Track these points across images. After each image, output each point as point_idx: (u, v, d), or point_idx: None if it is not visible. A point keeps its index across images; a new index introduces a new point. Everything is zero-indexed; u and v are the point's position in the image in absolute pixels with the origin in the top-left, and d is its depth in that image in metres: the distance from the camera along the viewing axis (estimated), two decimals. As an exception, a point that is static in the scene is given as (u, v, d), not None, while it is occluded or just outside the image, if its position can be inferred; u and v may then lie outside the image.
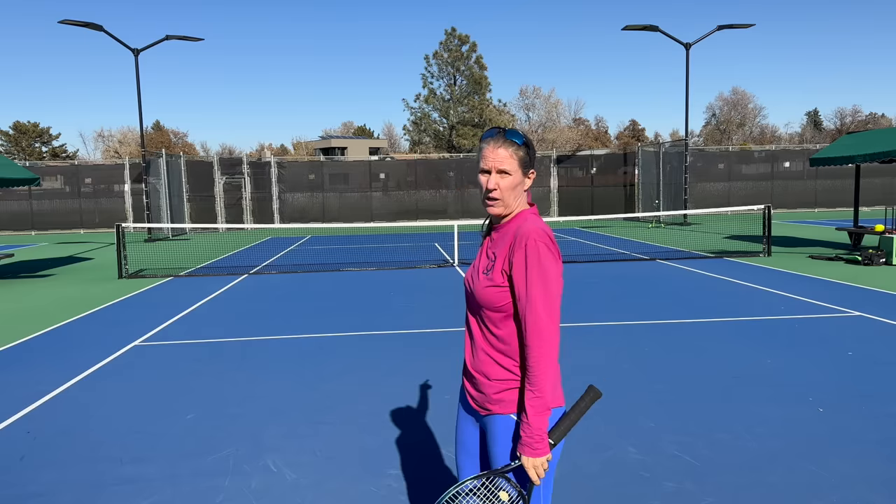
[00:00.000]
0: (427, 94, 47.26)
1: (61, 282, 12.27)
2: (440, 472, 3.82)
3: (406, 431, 4.44)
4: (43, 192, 27.49)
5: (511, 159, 1.97)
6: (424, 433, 4.40)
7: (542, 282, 1.87)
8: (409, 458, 4.00)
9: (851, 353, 6.02)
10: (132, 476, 3.83)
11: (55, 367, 6.23)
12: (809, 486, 3.49)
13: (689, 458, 3.88)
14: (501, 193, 1.98)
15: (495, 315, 1.97)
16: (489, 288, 1.96)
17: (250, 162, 28.28)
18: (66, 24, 20.18)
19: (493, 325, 1.99)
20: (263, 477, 3.78)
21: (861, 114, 69.80)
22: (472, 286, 2.04)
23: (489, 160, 1.98)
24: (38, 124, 56.12)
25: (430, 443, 4.23)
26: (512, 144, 1.98)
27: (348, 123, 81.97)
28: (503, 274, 1.95)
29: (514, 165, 1.97)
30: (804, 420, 4.42)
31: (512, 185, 1.98)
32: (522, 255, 1.89)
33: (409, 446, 4.19)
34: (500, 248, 1.99)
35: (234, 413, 4.85)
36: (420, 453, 4.08)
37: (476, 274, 2.05)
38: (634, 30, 23.08)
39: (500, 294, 1.95)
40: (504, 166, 1.96)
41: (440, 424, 4.54)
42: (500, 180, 1.97)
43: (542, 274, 1.87)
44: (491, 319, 1.99)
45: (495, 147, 1.97)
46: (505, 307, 1.96)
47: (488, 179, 1.99)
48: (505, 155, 1.96)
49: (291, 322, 8.09)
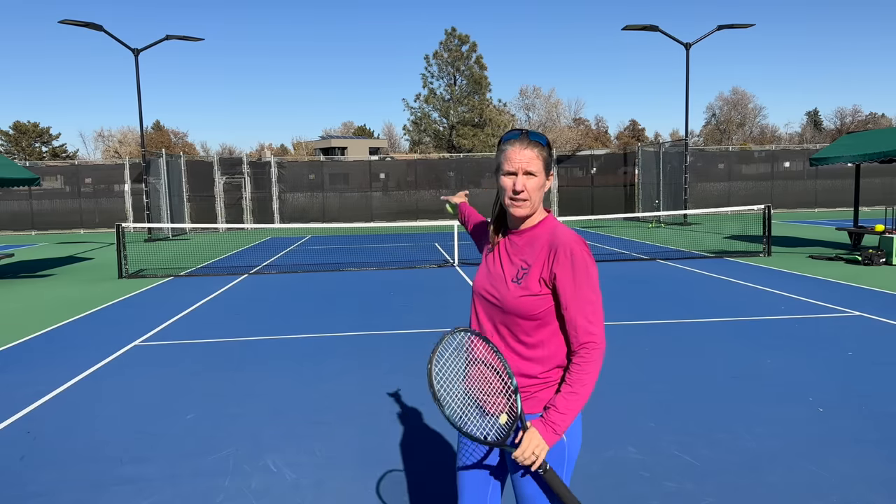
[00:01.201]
0: (427, 94, 47.21)
1: (61, 282, 12.26)
2: (440, 471, 3.82)
3: (406, 431, 4.43)
4: (43, 192, 27.48)
5: (537, 160, 1.96)
6: (424, 433, 4.40)
7: (591, 290, 1.89)
8: (408, 458, 4.00)
9: (851, 352, 6.03)
10: (132, 476, 3.83)
11: (55, 367, 6.23)
12: (809, 485, 3.49)
13: (689, 457, 3.88)
14: (529, 194, 1.96)
15: (528, 323, 1.94)
16: (525, 297, 1.92)
17: (250, 162, 28.28)
18: (66, 24, 20.19)
19: (524, 332, 1.95)
20: (263, 477, 3.78)
21: (861, 114, 69.84)
22: (499, 294, 1.98)
23: (515, 161, 1.95)
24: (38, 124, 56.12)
25: (430, 443, 4.23)
26: (537, 146, 1.97)
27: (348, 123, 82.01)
28: (542, 283, 1.91)
29: (539, 166, 1.96)
30: (804, 420, 4.42)
31: (538, 186, 1.97)
32: (569, 264, 1.88)
33: (409, 446, 4.18)
34: (529, 254, 1.97)
35: (234, 413, 4.85)
36: (420, 453, 4.07)
37: (500, 282, 1.99)
38: (634, 30, 23.09)
39: (537, 303, 1.92)
40: (531, 167, 1.94)
41: (440, 424, 4.53)
42: (528, 181, 1.95)
43: (590, 282, 1.89)
44: (521, 327, 1.95)
45: (521, 148, 1.95)
46: (541, 315, 1.93)
47: (515, 181, 1.96)
48: (531, 156, 1.95)
49: (291, 322, 8.08)
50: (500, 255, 2.07)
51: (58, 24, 20.49)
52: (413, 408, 4.90)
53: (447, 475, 3.77)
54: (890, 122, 64.93)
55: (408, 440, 4.29)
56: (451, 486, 3.64)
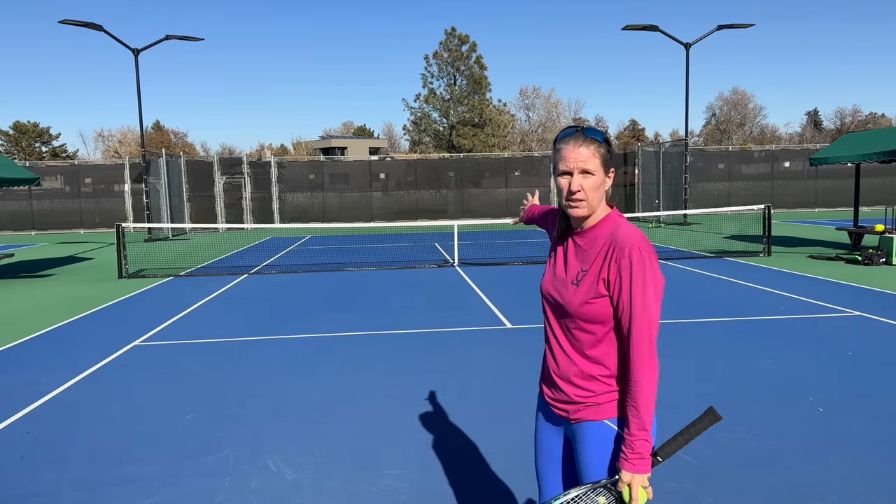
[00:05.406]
0: (427, 93, 47.17)
1: (61, 282, 12.26)
2: (441, 472, 3.82)
3: (406, 431, 4.43)
4: (43, 192, 27.47)
5: (594, 158, 1.87)
6: (425, 433, 4.39)
7: (650, 295, 1.80)
8: (409, 459, 3.99)
9: (851, 352, 6.02)
10: (132, 476, 3.83)
11: (55, 367, 6.22)
12: (809, 486, 3.49)
13: (688, 458, 3.87)
14: (586, 194, 1.87)
15: (591, 325, 1.90)
16: (585, 300, 1.87)
17: (250, 162, 28.28)
18: (66, 24, 20.18)
19: (588, 333, 1.91)
20: (263, 477, 3.78)
21: (861, 114, 69.74)
22: (562, 296, 1.94)
23: (570, 161, 1.87)
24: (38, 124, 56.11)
25: (431, 443, 4.23)
26: (593, 142, 1.88)
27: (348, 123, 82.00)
28: (601, 284, 1.85)
29: (596, 164, 1.87)
30: (804, 420, 4.42)
31: (596, 185, 1.88)
32: (628, 266, 1.80)
33: (410, 446, 4.18)
34: (590, 255, 1.91)
35: (234, 413, 4.85)
36: (420, 453, 4.07)
37: (562, 284, 1.96)
38: (634, 30, 23.07)
39: (598, 305, 1.87)
40: (587, 166, 1.86)
41: (441, 424, 4.53)
42: (584, 181, 1.87)
43: (648, 287, 1.80)
44: (585, 328, 1.91)
45: (576, 146, 1.87)
46: (603, 317, 1.87)
47: (570, 181, 1.88)
48: (587, 154, 1.87)
49: (291, 322, 8.08)
50: (563, 256, 2.02)
51: (58, 24, 20.51)
52: (413, 408, 4.89)
53: (447, 475, 3.76)
54: (890, 121, 64.92)
55: (408, 440, 4.28)
56: (451, 485, 3.64)
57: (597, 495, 1.81)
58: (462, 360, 6.15)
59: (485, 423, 4.51)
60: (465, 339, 7.00)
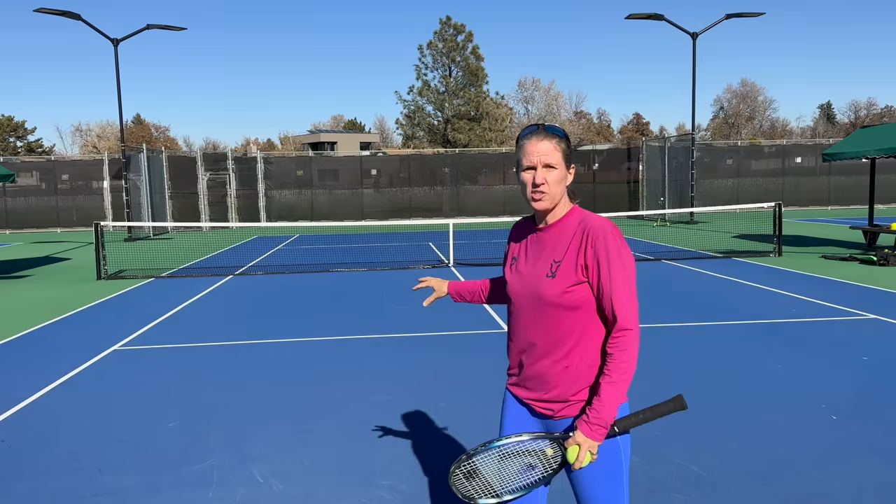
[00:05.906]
0: (421, 86, 45.93)
1: (37, 283, 12.02)
2: (435, 482, 3.69)
3: (399, 440, 4.31)
4: (18, 188, 26.91)
5: (555, 152, 1.99)
6: (418, 442, 4.27)
7: (628, 275, 1.92)
8: (402, 469, 3.87)
9: (867, 357, 5.90)
10: (111, 487, 3.73)
11: (30, 373, 6.08)
12: (822, 497, 3.38)
13: (696, 468, 3.77)
14: (549, 187, 1.98)
15: (567, 315, 1.97)
16: (564, 290, 1.95)
17: (235, 157, 27.93)
18: (42, 13, 19.75)
19: (563, 325, 1.97)
20: (249, 488, 3.67)
21: (876, 107, 67.92)
22: (537, 292, 2.00)
23: (533, 155, 1.98)
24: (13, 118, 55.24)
25: (425, 452, 4.11)
26: (554, 137, 2.01)
27: (338, 117, 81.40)
28: (581, 270, 1.94)
29: (558, 158, 1.99)
30: (817, 428, 4.31)
31: (558, 178, 1.99)
32: (605, 249, 1.91)
33: (402, 456, 4.06)
34: (560, 246, 2.00)
35: (219, 421, 4.73)
36: (413, 463, 3.95)
37: (535, 279, 2.01)
38: (639, 18, 22.69)
39: (577, 292, 1.95)
40: (550, 160, 1.98)
41: (434, 432, 4.41)
42: (547, 174, 1.98)
43: (623, 267, 1.91)
44: (560, 321, 1.98)
45: (538, 142, 1.99)
46: (583, 303, 1.95)
47: (534, 175, 1.99)
48: (549, 148, 1.98)
49: (278, 325, 7.93)
50: (526, 254, 2.10)
51: (33, 13, 20.07)
52: (406, 415, 4.77)
53: (441, 483, 3.63)
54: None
55: (401, 449, 4.16)
56: (442, 494, 3.49)
57: (546, 446, 1.93)
58: (457, 365, 6.03)
59: (480, 431, 4.39)
60: (460, 342, 6.88)
